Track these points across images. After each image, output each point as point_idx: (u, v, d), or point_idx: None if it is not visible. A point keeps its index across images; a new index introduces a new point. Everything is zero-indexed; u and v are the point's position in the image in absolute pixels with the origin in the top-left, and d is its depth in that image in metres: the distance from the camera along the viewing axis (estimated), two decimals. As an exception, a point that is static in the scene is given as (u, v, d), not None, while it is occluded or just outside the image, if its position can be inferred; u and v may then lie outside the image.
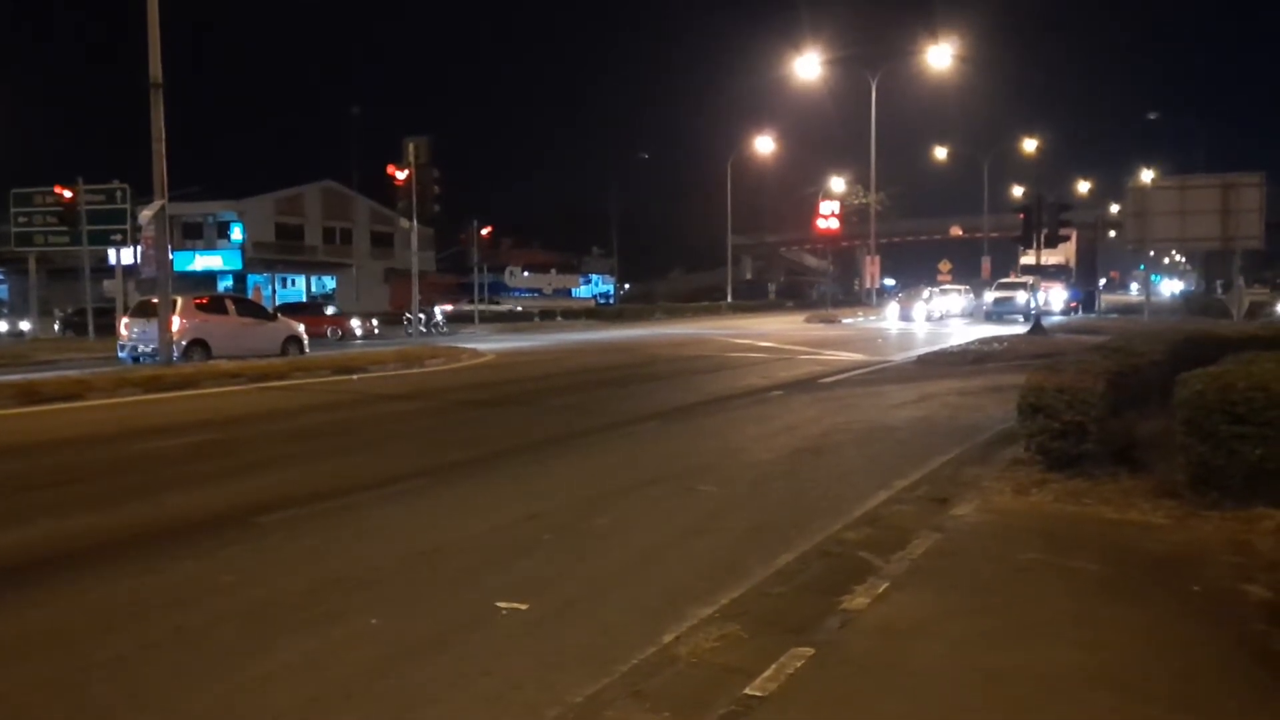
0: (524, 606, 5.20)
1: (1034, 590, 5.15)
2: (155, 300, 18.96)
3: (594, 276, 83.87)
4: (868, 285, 57.54)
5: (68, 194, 28.07)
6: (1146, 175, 45.62)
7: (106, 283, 36.81)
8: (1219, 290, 42.54)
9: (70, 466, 9.50)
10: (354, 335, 34.92)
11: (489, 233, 45.52)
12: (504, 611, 5.14)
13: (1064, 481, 7.26)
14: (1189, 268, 74.62)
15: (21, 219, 29.17)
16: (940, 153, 68.28)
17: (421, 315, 38.57)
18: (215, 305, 22.33)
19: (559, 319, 47.13)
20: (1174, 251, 66.17)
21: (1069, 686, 3.99)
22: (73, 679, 4.36)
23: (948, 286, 50.50)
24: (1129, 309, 44.09)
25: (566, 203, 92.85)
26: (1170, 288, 65.04)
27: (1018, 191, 63.78)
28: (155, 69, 17.62)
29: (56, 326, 35.26)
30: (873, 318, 44.97)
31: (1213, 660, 4.27)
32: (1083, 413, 7.42)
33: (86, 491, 8.30)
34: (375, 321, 38.66)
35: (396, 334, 35.41)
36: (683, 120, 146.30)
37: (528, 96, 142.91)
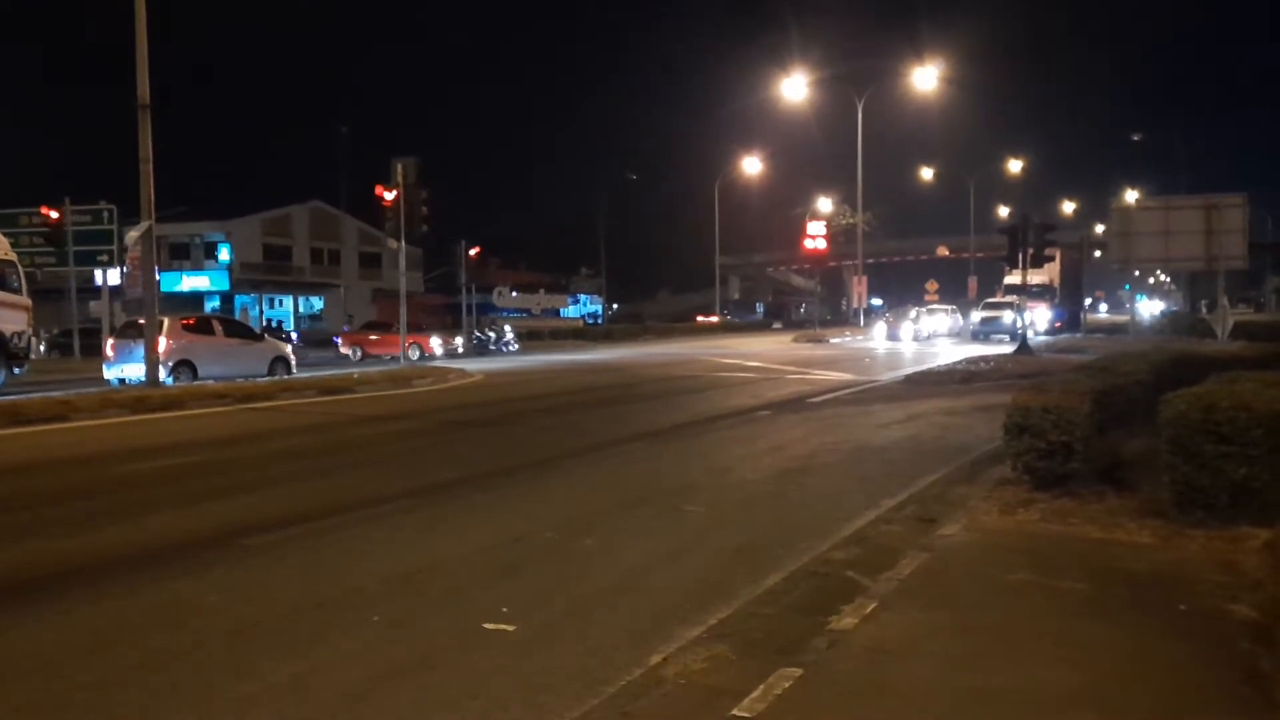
0: (511, 628, 5.18)
1: (1021, 610, 5.16)
2: (142, 321, 18.87)
3: (582, 297, 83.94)
4: (855, 305, 57.75)
5: (54, 214, 27.99)
6: (1131, 195, 46.03)
7: (92, 304, 36.59)
8: (1203, 310, 42.84)
9: (54, 488, 9.43)
10: (434, 354, 32.36)
11: (477, 253, 45.49)
12: (490, 632, 5.12)
13: (1050, 501, 7.28)
14: (1174, 287, 75.18)
15: (7, 240, 29.00)
16: (927, 173, 68.84)
17: (491, 334, 37.86)
18: (202, 326, 22.25)
19: (547, 339, 47.04)
20: (1158, 271, 66.74)
21: (1056, 706, 3.99)
22: (56, 701, 4.31)
23: (934, 306, 50.74)
24: (1114, 329, 44.36)
25: (555, 223, 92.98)
26: (1149, 308, 65.22)
27: (1004, 212, 64.27)
28: (143, 90, 17.63)
29: (43, 348, 34.97)
30: (860, 337, 45.09)
31: (1199, 679, 4.28)
32: (1069, 432, 7.45)
33: (70, 513, 8.23)
34: (460, 340, 35.80)
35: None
36: (670, 141, 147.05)
37: (516, 117, 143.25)
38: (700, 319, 65.78)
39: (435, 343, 33.07)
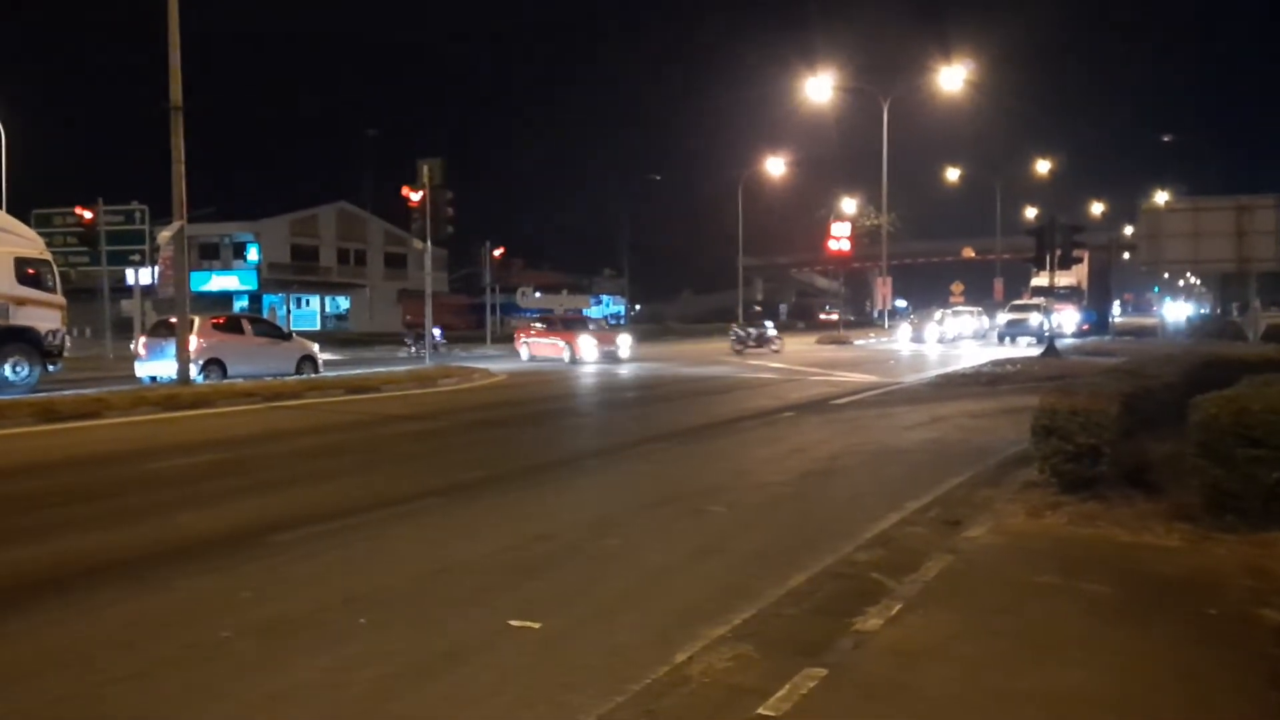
0: (536, 626, 5.22)
1: (1047, 613, 5.14)
2: (173, 320, 19.10)
3: (605, 297, 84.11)
4: (879, 307, 57.49)
5: (88, 215, 28.37)
6: (1161, 197, 45.50)
7: (124, 303, 37.06)
8: (1234, 313, 42.32)
9: (88, 484, 9.57)
10: (582, 358, 27.62)
11: (501, 254, 45.70)
12: (516, 630, 5.16)
13: (1078, 504, 7.23)
14: (1204, 290, 74.19)
15: (42, 239, 29.47)
16: (953, 174, 68.30)
17: (751, 330, 33.73)
18: (232, 325, 22.46)
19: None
20: (1188, 274, 65.86)
21: (1082, 710, 3.98)
22: (91, 694, 4.39)
23: (960, 308, 50.43)
24: (1143, 331, 43.90)
25: (578, 224, 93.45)
26: (1175, 310, 63.96)
27: (1031, 213, 63.72)
28: (175, 92, 17.84)
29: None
30: (884, 339, 44.91)
31: (1227, 684, 4.25)
32: (1097, 435, 7.40)
33: (104, 509, 8.36)
34: (626, 341, 29.42)
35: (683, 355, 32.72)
36: (694, 142, 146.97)
37: (540, 119, 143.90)
38: (823, 317, 71.22)
39: (585, 342, 28.09)
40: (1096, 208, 73.56)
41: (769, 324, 34.75)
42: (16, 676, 4.60)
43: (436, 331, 36.81)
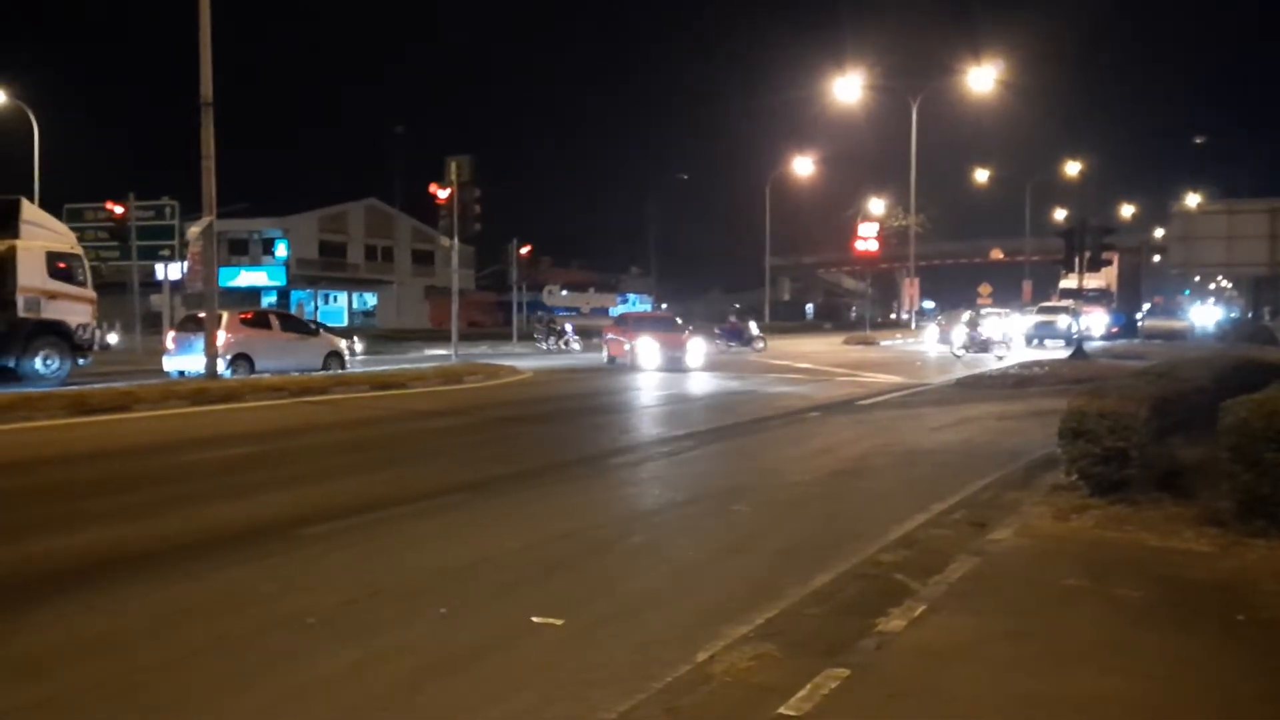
0: (559, 622, 5.24)
1: (1073, 616, 5.10)
2: (202, 315, 19.30)
3: (632, 296, 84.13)
4: (906, 308, 57.09)
5: (119, 210, 28.71)
6: (1194, 199, 44.89)
7: (154, 297, 37.42)
8: (1266, 317, 41.70)
9: (118, 476, 9.71)
10: (638, 362, 24.70)
11: (528, 251, 45.73)
12: (539, 626, 5.18)
13: (1106, 507, 7.17)
14: (1236, 293, 73.11)
15: (74, 234, 29.84)
16: (982, 175, 67.73)
17: (979, 333, 29.45)
18: (259, 321, 22.66)
19: (596, 339, 46.97)
20: (1219, 277, 64.88)
21: (1108, 715, 3.95)
22: (122, 682, 4.46)
23: (988, 310, 50.02)
24: (1173, 334, 43.36)
25: (607, 222, 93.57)
26: (1202, 314, 62.66)
27: (1060, 214, 63.04)
28: (206, 88, 18.00)
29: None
30: (911, 340, 44.62)
31: (1256, 690, 4.20)
32: (1125, 438, 7.34)
33: (133, 501, 8.47)
34: (698, 347, 25.92)
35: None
36: (721, 141, 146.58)
37: (568, 116, 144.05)
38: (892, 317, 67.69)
39: (643, 345, 25.19)
40: (1127, 209, 72.73)
41: (1000, 327, 30.07)
42: (51, 664, 4.68)
43: (568, 328, 36.85)
